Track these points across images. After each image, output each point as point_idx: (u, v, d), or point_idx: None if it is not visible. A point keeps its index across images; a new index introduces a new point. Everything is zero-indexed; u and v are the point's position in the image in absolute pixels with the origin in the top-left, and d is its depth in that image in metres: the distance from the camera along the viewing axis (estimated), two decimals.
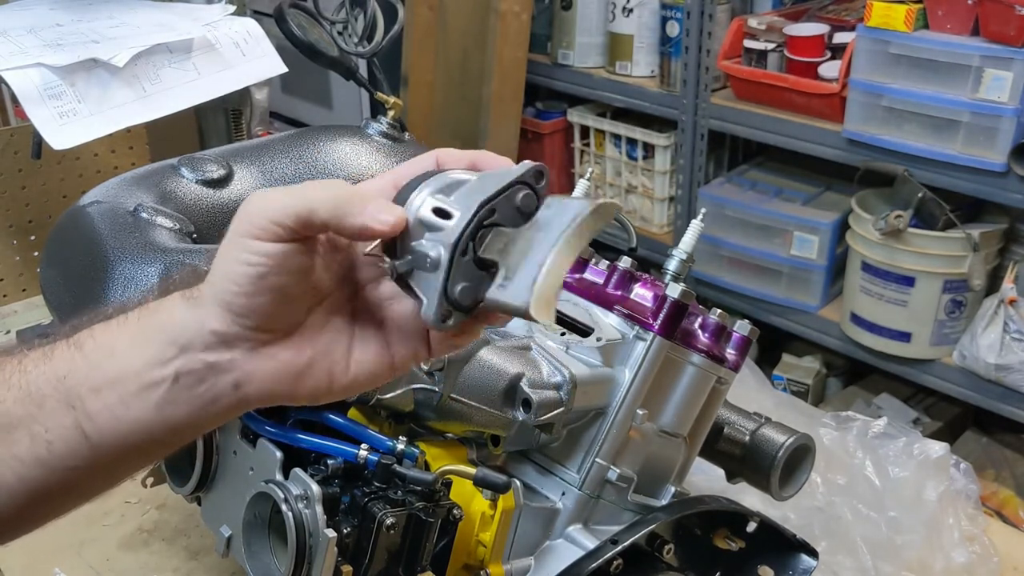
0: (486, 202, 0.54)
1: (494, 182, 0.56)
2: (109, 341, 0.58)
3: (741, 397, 1.10)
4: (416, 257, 0.55)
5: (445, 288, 0.55)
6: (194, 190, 1.10)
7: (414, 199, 0.56)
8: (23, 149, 1.60)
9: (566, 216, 0.53)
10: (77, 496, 0.63)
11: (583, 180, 1.05)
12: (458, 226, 0.54)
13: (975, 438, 2.41)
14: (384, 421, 1.01)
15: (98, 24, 1.40)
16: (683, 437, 0.93)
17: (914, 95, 2.12)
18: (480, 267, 0.55)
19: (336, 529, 0.85)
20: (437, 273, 0.55)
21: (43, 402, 0.58)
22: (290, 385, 0.59)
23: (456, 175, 0.58)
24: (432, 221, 0.55)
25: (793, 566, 0.95)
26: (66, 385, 0.58)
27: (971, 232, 2.13)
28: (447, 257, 0.54)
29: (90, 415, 0.58)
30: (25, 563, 1.15)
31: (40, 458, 0.58)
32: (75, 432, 0.58)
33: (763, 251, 2.53)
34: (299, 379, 0.59)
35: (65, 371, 0.58)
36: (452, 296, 0.55)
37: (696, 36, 2.52)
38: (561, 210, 0.54)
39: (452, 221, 0.55)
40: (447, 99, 2.91)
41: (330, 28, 1.36)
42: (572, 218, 0.53)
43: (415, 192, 0.57)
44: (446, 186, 0.57)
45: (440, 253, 0.54)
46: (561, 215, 0.54)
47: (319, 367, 0.59)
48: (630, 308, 0.89)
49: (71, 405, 0.58)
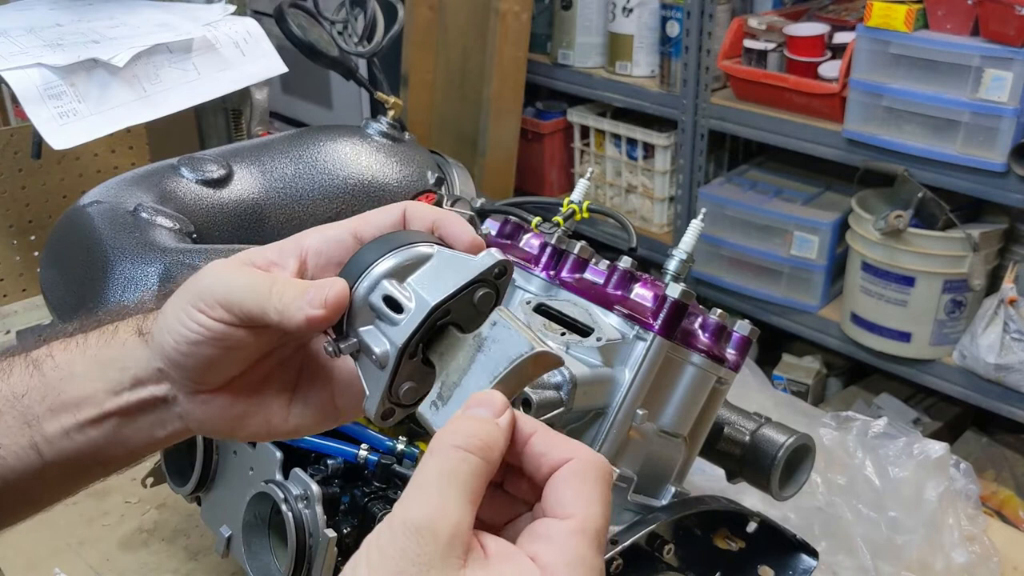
0: (440, 303, 0.51)
1: (453, 273, 0.52)
2: (67, 363, 0.59)
3: (741, 397, 1.10)
4: (362, 344, 0.53)
5: (390, 388, 0.53)
6: (194, 190, 1.10)
7: (365, 279, 0.53)
8: (23, 149, 1.60)
9: (508, 351, 0.51)
10: (32, 506, 0.64)
11: (583, 180, 1.05)
12: (408, 327, 0.52)
13: (975, 438, 2.41)
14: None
15: (98, 24, 1.40)
16: (683, 437, 0.93)
17: (914, 95, 2.12)
18: (427, 364, 0.54)
19: (336, 529, 0.85)
20: (382, 373, 0.53)
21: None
22: (227, 427, 0.60)
23: (417, 250, 0.54)
24: (382, 310, 0.53)
25: (793, 566, 0.95)
26: (23, 404, 0.59)
27: (971, 232, 2.13)
28: (394, 360, 0.52)
29: (46, 436, 0.59)
30: (25, 563, 1.15)
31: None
32: (30, 450, 0.59)
33: (763, 251, 2.53)
34: (235, 423, 0.60)
35: (23, 390, 0.59)
36: (396, 396, 0.53)
37: (696, 36, 2.52)
38: (505, 342, 0.51)
39: (402, 318, 0.52)
40: (447, 99, 2.91)
41: (330, 28, 1.35)
42: (511, 360, 0.50)
43: (368, 269, 0.53)
44: (402, 266, 0.53)
45: (387, 351, 0.52)
46: (504, 348, 0.51)
47: (256, 417, 0.60)
48: (630, 308, 0.89)
49: (27, 423, 0.59)
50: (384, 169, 1.18)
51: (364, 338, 0.53)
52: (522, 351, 0.50)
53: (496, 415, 0.49)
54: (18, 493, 0.61)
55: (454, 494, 0.45)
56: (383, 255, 0.53)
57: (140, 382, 0.58)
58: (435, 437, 0.48)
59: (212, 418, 0.59)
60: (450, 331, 0.53)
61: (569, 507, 0.47)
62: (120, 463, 0.63)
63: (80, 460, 0.60)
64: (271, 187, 1.14)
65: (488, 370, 0.51)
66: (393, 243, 0.54)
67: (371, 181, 1.17)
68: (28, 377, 0.59)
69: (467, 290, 0.52)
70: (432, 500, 0.44)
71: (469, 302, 0.52)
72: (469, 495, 0.45)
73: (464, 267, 0.52)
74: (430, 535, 0.43)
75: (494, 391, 0.50)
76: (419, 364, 0.53)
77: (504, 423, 0.48)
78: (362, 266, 0.53)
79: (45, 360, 0.60)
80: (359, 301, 0.53)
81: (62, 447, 0.59)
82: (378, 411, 0.54)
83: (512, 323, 0.52)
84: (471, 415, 0.49)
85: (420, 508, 0.44)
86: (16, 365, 0.60)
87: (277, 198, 1.14)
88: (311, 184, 1.15)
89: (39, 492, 0.62)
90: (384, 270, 0.53)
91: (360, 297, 0.53)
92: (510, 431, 0.48)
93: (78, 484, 0.64)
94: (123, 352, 0.58)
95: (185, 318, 0.55)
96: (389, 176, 1.18)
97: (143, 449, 0.61)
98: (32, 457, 0.59)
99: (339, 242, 0.57)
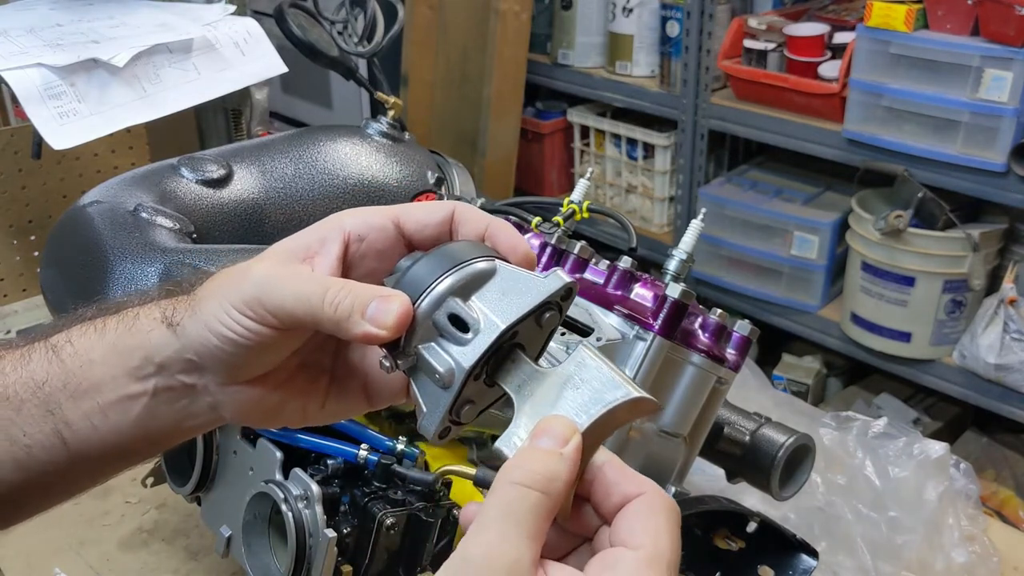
0: (512, 326, 0.50)
1: (521, 293, 0.51)
2: (86, 349, 0.58)
3: (741, 397, 1.10)
4: (422, 362, 0.52)
5: (451, 408, 0.51)
6: (194, 190, 1.10)
7: (428, 295, 0.51)
8: (23, 149, 1.60)
9: (604, 394, 0.49)
10: (54, 497, 0.64)
11: (583, 180, 1.05)
12: (477, 349, 0.50)
13: (975, 438, 2.41)
14: (384, 421, 1.01)
15: (98, 24, 1.40)
16: (683, 437, 0.93)
17: (914, 95, 2.12)
18: (488, 385, 0.52)
19: (336, 529, 0.85)
20: (444, 392, 0.51)
21: (21, 407, 0.58)
22: (261, 417, 0.59)
23: (479, 266, 0.52)
24: (448, 329, 0.51)
25: (793, 566, 0.95)
26: (44, 392, 0.58)
27: (971, 232, 2.13)
28: (460, 381, 0.50)
29: (68, 422, 0.58)
30: (25, 563, 1.15)
31: (19, 461, 0.59)
32: (54, 438, 0.58)
33: (763, 251, 2.53)
34: (270, 414, 0.59)
35: (43, 377, 0.58)
36: (456, 415, 0.52)
37: (696, 36, 2.52)
38: (597, 383, 0.49)
39: (470, 337, 0.50)
40: (447, 99, 2.91)
41: (330, 28, 1.35)
42: (607, 404, 0.48)
43: (432, 286, 0.51)
44: (466, 282, 0.51)
45: (451, 370, 0.50)
46: (597, 390, 0.49)
47: (291, 407, 0.59)
48: (630, 308, 0.89)
49: (50, 411, 0.58)
50: (384, 169, 1.18)
51: (426, 356, 0.51)
52: (618, 395, 0.49)
53: (560, 445, 0.47)
54: (43, 486, 0.60)
55: (513, 532, 0.45)
56: (447, 271, 0.51)
57: (167, 369, 0.56)
58: (499, 472, 0.47)
59: (247, 409, 0.58)
60: (519, 356, 0.52)
61: (640, 537, 0.46)
62: (144, 454, 0.62)
63: (104, 450, 0.59)
64: (271, 187, 1.14)
65: (579, 410, 0.49)
66: (455, 258, 0.52)
67: (371, 181, 1.17)
68: (48, 364, 0.58)
69: (535, 312, 0.51)
70: (491, 538, 0.44)
71: (535, 323, 0.52)
72: (529, 531, 0.45)
73: (531, 288, 0.51)
74: (489, 572, 0.43)
75: (561, 417, 0.49)
76: (482, 385, 0.52)
77: (569, 453, 0.47)
78: (425, 282, 0.52)
79: (64, 346, 0.58)
80: (421, 318, 0.51)
81: (86, 435, 0.58)
82: (437, 430, 0.52)
83: (601, 362, 0.50)
84: (534, 447, 0.48)
85: (479, 546, 0.44)
86: (35, 352, 0.59)
87: (277, 198, 1.14)
88: (311, 184, 1.15)
89: (64, 482, 0.62)
90: (449, 287, 0.51)
91: (423, 313, 0.51)
92: (576, 461, 0.47)
93: (104, 473, 0.63)
94: (146, 341, 0.56)
95: (228, 319, 0.53)
96: (389, 176, 1.18)
97: (169, 439, 0.60)
98: (57, 446, 0.58)
99: (382, 229, 0.55)
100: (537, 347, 0.54)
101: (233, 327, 0.53)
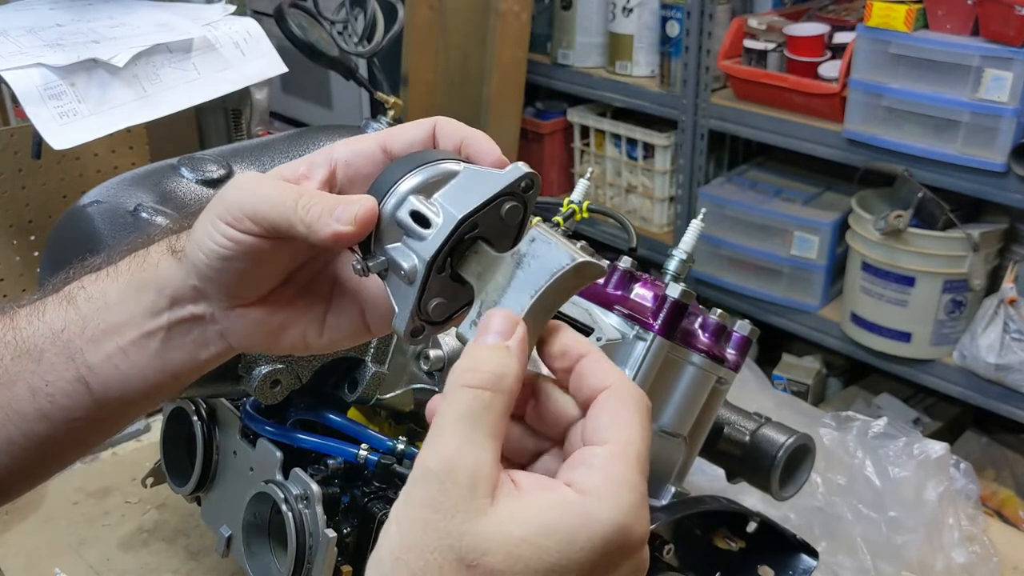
0: (468, 216, 0.51)
1: (480, 187, 0.52)
2: (100, 293, 0.59)
3: (741, 397, 1.10)
4: (389, 261, 0.53)
5: (419, 304, 0.53)
6: (194, 190, 1.09)
7: (392, 195, 0.53)
8: (23, 149, 1.60)
9: (548, 264, 0.50)
10: (81, 447, 0.64)
11: (583, 180, 1.05)
12: (435, 241, 0.51)
13: (975, 438, 2.41)
14: (384, 421, 1.01)
15: (98, 24, 1.40)
16: (683, 437, 0.93)
17: (914, 95, 2.12)
18: (456, 280, 0.53)
19: (336, 529, 0.85)
20: (411, 288, 0.52)
21: (41, 357, 0.59)
22: (265, 341, 0.60)
23: (443, 166, 0.54)
24: (409, 226, 0.52)
25: (793, 566, 0.95)
26: (63, 339, 0.58)
27: (971, 232, 2.13)
28: (422, 274, 0.52)
29: (91, 366, 0.58)
30: (25, 563, 1.15)
31: (43, 412, 0.59)
32: (77, 384, 0.59)
33: (763, 251, 2.53)
34: (273, 336, 0.60)
35: (61, 325, 0.59)
36: (425, 312, 0.53)
37: (696, 36, 2.52)
38: (544, 256, 0.50)
39: (430, 232, 0.52)
40: (447, 99, 2.91)
41: (330, 28, 1.35)
42: (552, 273, 0.50)
43: (395, 186, 0.53)
44: (429, 182, 0.53)
45: (415, 266, 0.52)
46: (543, 262, 0.50)
47: (293, 328, 0.60)
48: (630, 308, 0.89)
49: (71, 357, 0.58)
50: None
51: (392, 255, 0.53)
52: (562, 263, 0.49)
53: (505, 338, 0.47)
54: (68, 434, 0.61)
55: (470, 435, 0.44)
56: (409, 171, 0.53)
57: (177, 301, 0.57)
58: (448, 376, 0.47)
59: (250, 332, 0.58)
60: (481, 247, 0.53)
61: (606, 432, 0.46)
62: (166, 391, 0.62)
63: (126, 390, 0.59)
64: None
65: (527, 286, 0.50)
66: (419, 160, 0.54)
67: None
68: (63, 312, 0.59)
69: (494, 203, 0.52)
70: (448, 445, 0.44)
71: (497, 215, 0.52)
72: (485, 432, 0.45)
73: (491, 181, 0.52)
74: (450, 480, 0.43)
75: (502, 310, 0.49)
76: (448, 280, 0.53)
77: (515, 345, 0.47)
78: (389, 183, 0.53)
79: (78, 293, 0.59)
80: (387, 218, 0.53)
81: (108, 377, 0.58)
82: (407, 328, 0.53)
83: (551, 237, 0.51)
84: (479, 345, 0.48)
85: (436, 454, 0.44)
86: (49, 304, 0.60)
87: None
88: None
89: (91, 430, 0.62)
90: (411, 186, 0.53)
91: (388, 214, 0.53)
92: (523, 351, 0.47)
93: (128, 416, 0.64)
94: (157, 274, 0.58)
95: (213, 232, 0.54)
96: None
97: (188, 373, 0.61)
98: (81, 392, 0.59)
99: (368, 155, 0.56)
100: (507, 243, 0.54)
101: (217, 239, 0.54)
